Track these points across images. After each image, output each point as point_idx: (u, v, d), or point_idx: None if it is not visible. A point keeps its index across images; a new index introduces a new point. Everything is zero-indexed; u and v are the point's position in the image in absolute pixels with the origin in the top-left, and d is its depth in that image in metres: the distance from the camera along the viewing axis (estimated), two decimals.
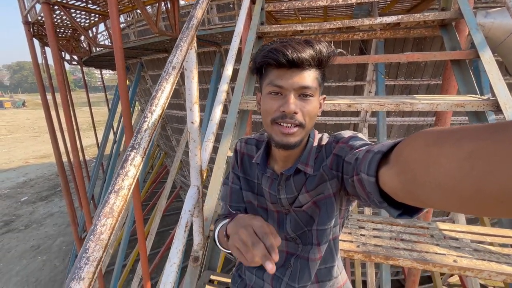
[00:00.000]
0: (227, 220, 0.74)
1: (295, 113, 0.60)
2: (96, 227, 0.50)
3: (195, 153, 0.93)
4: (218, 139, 1.22)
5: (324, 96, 0.70)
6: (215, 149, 1.18)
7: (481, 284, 4.48)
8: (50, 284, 7.16)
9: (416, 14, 1.65)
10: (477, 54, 1.37)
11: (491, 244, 1.02)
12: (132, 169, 0.57)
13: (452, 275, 6.56)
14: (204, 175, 1.03)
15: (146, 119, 0.62)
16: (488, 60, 1.29)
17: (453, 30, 1.68)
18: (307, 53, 0.57)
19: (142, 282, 5.33)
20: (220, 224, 0.78)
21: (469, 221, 4.98)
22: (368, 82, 4.06)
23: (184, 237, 0.89)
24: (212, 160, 1.17)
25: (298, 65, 0.58)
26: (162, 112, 0.65)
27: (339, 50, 0.64)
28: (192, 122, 0.88)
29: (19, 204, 11.25)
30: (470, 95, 1.41)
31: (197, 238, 1.05)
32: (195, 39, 0.84)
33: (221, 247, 0.77)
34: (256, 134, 0.86)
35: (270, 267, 0.45)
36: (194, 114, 0.88)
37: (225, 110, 2.76)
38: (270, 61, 0.59)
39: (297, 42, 0.59)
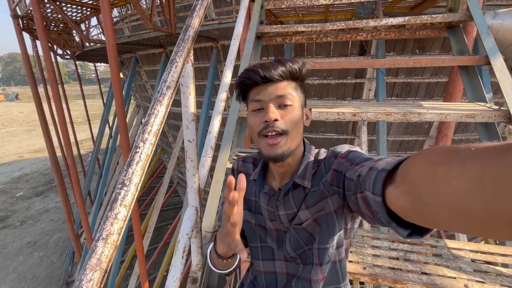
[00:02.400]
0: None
1: (276, 120, 0.62)
2: (81, 283, 0.44)
3: (193, 172, 0.87)
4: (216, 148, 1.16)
5: (310, 107, 0.73)
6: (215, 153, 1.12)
7: None
8: (47, 280, 7.14)
9: (423, 16, 1.58)
10: (488, 60, 1.31)
11: (495, 264, 0.99)
12: (123, 210, 0.50)
13: None
14: (202, 194, 0.97)
15: (138, 150, 0.56)
16: (500, 68, 1.23)
17: (461, 33, 1.61)
18: (278, 68, 0.63)
19: (140, 279, 5.34)
20: (210, 247, 0.78)
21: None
22: (368, 79, 3.99)
23: (182, 263, 0.83)
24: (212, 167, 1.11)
25: (271, 79, 0.63)
26: (156, 140, 0.59)
27: (309, 61, 0.73)
28: (189, 141, 0.82)
29: (14, 200, 11.13)
30: (478, 104, 1.36)
31: (195, 259, 1.00)
32: (192, 51, 0.76)
33: (214, 268, 0.76)
34: (254, 152, 0.84)
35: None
36: (191, 132, 0.81)
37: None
38: (245, 80, 0.65)
39: (269, 62, 0.65)
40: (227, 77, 1.24)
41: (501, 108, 1.19)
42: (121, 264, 6.88)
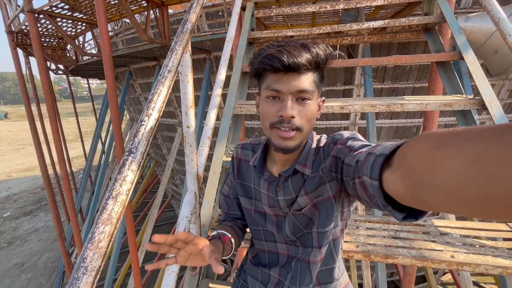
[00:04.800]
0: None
1: (293, 117, 0.60)
2: (94, 234, 0.48)
3: (191, 158, 0.91)
4: (212, 145, 1.21)
5: (323, 98, 0.70)
6: (209, 155, 1.17)
7: (473, 282, 4.56)
8: None
9: (401, 19, 1.71)
10: (461, 55, 1.43)
11: (477, 238, 1.05)
12: (130, 174, 0.55)
13: (444, 274, 6.66)
14: (200, 180, 1.01)
15: (143, 123, 0.61)
16: (472, 61, 1.35)
17: (437, 34, 1.75)
18: (304, 58, 0.57)
19: None
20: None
21: (458, 217, 5.09)
22: (357, 86, 4.15)
23: None
24: (207, 167, 1.16)
25: (295, 69, 0.58)
26: (159, 115, 0.64)
27: (337, 51, 0.65)
28: (188, 127, 0.87)
29: (1, 220, 10.73)
30: (456, 95, 1.47)
31: None
32: (190, 43, 0.83)
33: None
34: (252, 138, 0.87)
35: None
36: (190, 118, 0.87)
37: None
38: (267, 67, 0.60)
39: (293, 46, 0.59)
40: (221, 75, 1.32)
41: (476, 97, 1.29)
42: (114, 283, 6.63)
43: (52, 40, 5.62)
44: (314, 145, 0.71)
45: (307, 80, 0.60)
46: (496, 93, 4.08)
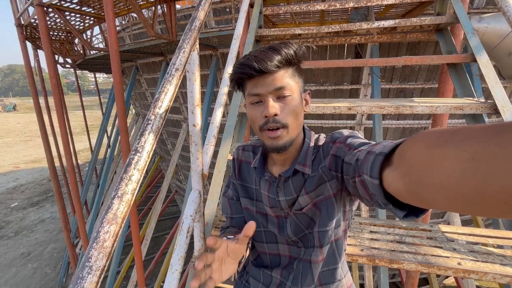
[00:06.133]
0: None
1: (276, 115, 0.62)
2: (99, 234, 0.48)
3: (196, 156, 0.91)
4: (217, 143, 1.20)
5: (309, 91, 0.71)
6: (215, 153, 1.16)
7: (477, 286, 4.52)
8: None
9: (412, 19, 1.67)
10: (474, 57, 1.39)
11: (485, 245, 1.03)
12: (136, 173, 0.55)
13: (447, 277, 6.61)
14: (205, 179, 1.01)
15: (149, 122, 0.61)
16: (485, 64, 1.31)
17: (449, 34, 1.71)
18: (274, 58, 0.60)
19: None
20: None
21: (464, 223, 5.03)
22: (364, 85, 4.10)
23: (186, 243, 0.86)
24: (212, 165, 1.16)
25: (267, 71, 0.60)
26: (166, 114, 0.64)
27: (305, 43, 0.68)
28: (194, 125, 0.87)
29: (8, 210, 10.96)
30: (467, 98, 1.43)
31: (198, 244, 1.02)
32: (198, 41, 0.83)
33: None
34: (253, 140, 0.87)
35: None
36: (196, 117, 0.86)
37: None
38: (241, 75, 0.63)
39: (261, 51, 0.62)
40: (228, 73, 1.31)
41: (488, 100, 1.26)
42: (117, 275, 6.74)
43: (60, 34, 5.66)
44: (312, 144, 0.71)
45: (282, 77, 0.62)
46: (507, 95, 3.99)
